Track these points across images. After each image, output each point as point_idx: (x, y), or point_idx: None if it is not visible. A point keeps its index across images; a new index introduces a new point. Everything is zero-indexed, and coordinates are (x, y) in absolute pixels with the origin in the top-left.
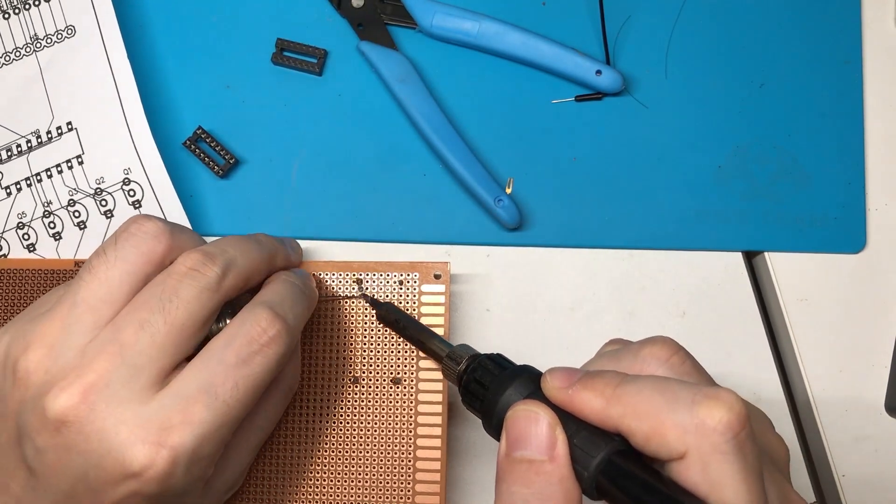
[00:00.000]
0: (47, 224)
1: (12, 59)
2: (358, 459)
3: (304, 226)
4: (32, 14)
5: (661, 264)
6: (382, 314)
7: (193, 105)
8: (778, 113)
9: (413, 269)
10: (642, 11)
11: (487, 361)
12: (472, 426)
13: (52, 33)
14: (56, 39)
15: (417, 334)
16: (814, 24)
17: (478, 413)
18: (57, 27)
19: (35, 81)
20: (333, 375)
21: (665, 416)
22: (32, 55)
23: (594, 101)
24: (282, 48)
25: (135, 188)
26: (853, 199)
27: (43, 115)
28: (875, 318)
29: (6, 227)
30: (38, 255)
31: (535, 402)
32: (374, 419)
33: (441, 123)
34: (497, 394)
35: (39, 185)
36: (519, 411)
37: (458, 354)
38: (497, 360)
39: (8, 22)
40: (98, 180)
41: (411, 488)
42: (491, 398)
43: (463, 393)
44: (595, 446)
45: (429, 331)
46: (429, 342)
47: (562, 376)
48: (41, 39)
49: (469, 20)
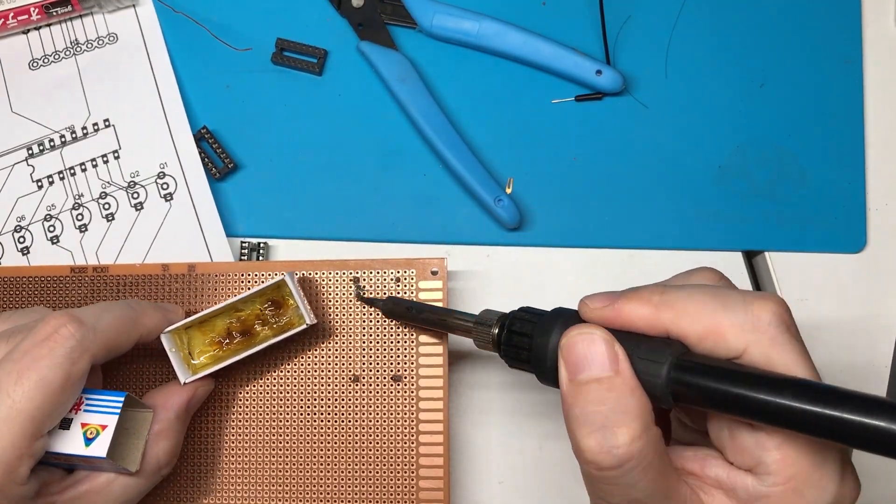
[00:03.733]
0: (75, 216)
1: (51, 61)
2: (360, 458)
3: (304, 226)
4: (75, 22)
5: (661, 264)
6: (388, 308)
7: (193, 105)
8: (778, 113)
9: (410, 266)
10: (642, 11)
11: (521, 314)
12: (474, 421)
13: (93, 39)
14: (97, 45)
15: (435, 315)
16: (814, 24)
17: (527, 367)
18: (99, 34)
19: (71, 80)
20: (333, 374)
21: (721, 317)
22: (72, 58)
23: (594, 101)
24: (282, 48)
25: (168, 181)
26: (853, 199)
27: (79, 112)
28: (875, 317)
29: (33, 219)
30: (61, 247)
31: (587, 325)
32: (376, 417)
33: (441, 123)
34: (544, 339)
35: (73, 179)
36: (573, 336)
37: (486, 319)
38: (529, 310)
39: (49, 29)
40: (133, 174)
41: (415, 485)
42: (539, 345)
43: (506, 353)
44: (659, 353)
45: (446, 309)
46: (450, 318)
47: (602, 297)
48: (81, 44)
49: (469, 20)
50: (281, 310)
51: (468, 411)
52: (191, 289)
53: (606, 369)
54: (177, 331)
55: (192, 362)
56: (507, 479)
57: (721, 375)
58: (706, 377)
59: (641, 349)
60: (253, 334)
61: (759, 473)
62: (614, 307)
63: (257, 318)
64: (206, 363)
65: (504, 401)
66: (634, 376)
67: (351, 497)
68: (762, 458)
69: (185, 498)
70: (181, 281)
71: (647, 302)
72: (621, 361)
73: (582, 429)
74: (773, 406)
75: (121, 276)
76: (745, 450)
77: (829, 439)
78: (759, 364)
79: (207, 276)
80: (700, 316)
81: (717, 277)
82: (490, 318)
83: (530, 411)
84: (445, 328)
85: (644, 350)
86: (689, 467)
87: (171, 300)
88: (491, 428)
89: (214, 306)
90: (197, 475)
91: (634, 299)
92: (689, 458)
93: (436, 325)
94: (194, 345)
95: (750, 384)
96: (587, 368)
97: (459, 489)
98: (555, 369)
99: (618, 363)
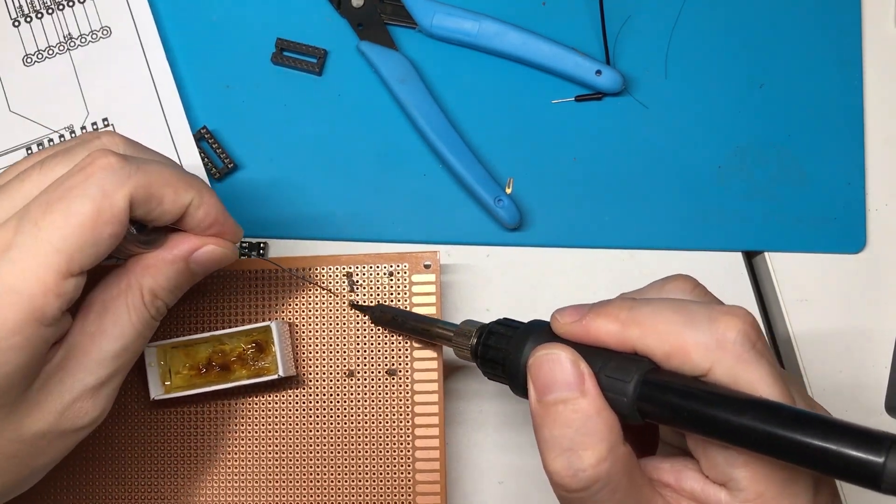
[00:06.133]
0: None
1: (44, 56)
2: (356, 452)
3: (303, 225)
4: (66, 14)
5: (661, 264)
6: (376, 316)
7: (193, 105)
8: (778, 113)
9: (402, 260)
10: (642, 11)
11: (497, 327)
12: (470, 416)
13: (86, 33)
14: (91, 39)
15: (419, 324)
16: (814, 24)
17: (502, 379)
18: (91, 28)
19: (68, 78)
20: (328, 369)
21: (686, 335)
22: (66, 53)
23: (594, 101)
24: (282, 48)
25: None
26: (853, 200)
27: (77, 111)
28: (875, 318)
29: None
30: None
31: (552, 343)
32: (371, 411)
33: (441, 123)
34: (517, 353)
35: None
36: (538, 357)
37: (465, 330)
38: (505, 323)
39: (41, 22)
40: None
41: (411, 478)
42: (512, 360)
43: (482, 364)
44: (626, 371)
45: (428, 318)
46: (433, 328)
47: (571, 311)
48: (75, 39)
49: (469, 20)
50: (262, 353)
51: (467, 411)
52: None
53: (572, 390)
54: (162, 347)
55: (166, 382)
56: (507, 479)
57: (683, 394)
58: (670, 395)
59: (609, 366)
60: (230, 370)
61: (731, 489)
62: (583, 323)
63: (238, 356)
64: (181, 386)
65: (502, 400)
66: (600, 396)
67: (348, 491)
68: (732, 474)
69: (182, 493)
70: None
71: (614, 318)
72: (587, 381)
73: (550, 451)
74: (735, 426)
75: None
76: (715, 465)
77: (789, 462)
78: (725, 382)
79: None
80: (666, 334)
81: (690, 286)
82: (469, 330)
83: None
84: (429, 337)
85: (611, 367)
86: (666, 479)
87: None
88: (490, 426)
89: (202, 334)
90: (192, 469)
91: (602, 315)
92: (665, 471)
93: (420, 333)
94: (175, 365)
95: (711, 403)
96: (552, 390)
97: (459, 489)
98: (526, 384)
99: (583, 383)
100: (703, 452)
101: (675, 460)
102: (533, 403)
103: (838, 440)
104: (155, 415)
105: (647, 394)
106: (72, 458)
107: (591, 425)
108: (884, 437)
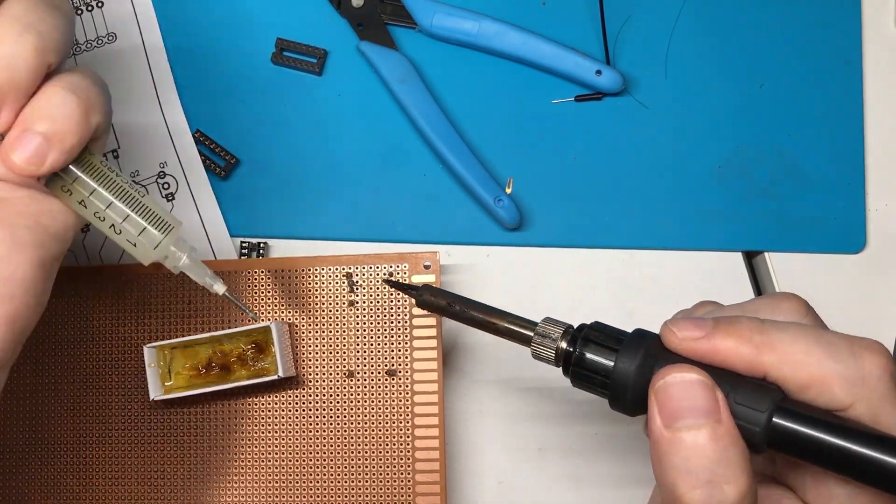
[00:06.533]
0: None
1: None
2: (356, 453)
3: (303, 225)
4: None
5: (661, 264)
6: (425, 300)
7: (193, 105)
8: (778, 113)
9: (402, 261)
10: (642, 11)
11: (595, 334)
12: (470, 416)
13: (92, 39)
14: (96, 44)
15: (485, 315)
16: (814, 24)
17: (598, 390)
18: (98, 34)
19: None
20: (328, 370)
21: (829, 367)
22: (71, 58)
23: (594, 101)
24: (282, 48)
25: (169, 181)
26: (853, 200)
27: None
28: (875, 318)
29: None
30: None
31: (685, 366)
32: (371, 412)
33: (441, 123)
34: (627, 367)
35: None
36: (670, 380)
37: (549, 331)
38: (602, 329)
39: None
40: (133, 173)
41: (411, 479)
42: (621, 374)
43: (576, 374)
44: (759, 400)
45: (496, 309)
46: (503, 322)
47: (691, 326)
48: (81, 44)
49: (469, 20)
50: (262, 354)
51: (466, 411)
52: (195, 288)
53: (709, 418)
54: (161, 348)
55: (166, 383)
56: (507, 479)
57: (826, 428)
58: (809, 428)
59: (738, 392)
60: (230, 371)
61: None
62: (711, 342)
63: (238, 357)
64: (181, 386)
65: (503, 399)
66: (734, 425)
67: (348, 492)
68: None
69: (182, 493)
70: (189, 280)
71: (747, 341)
72: (723, 410)
73: (685, 482)
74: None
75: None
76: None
77: None
78: (865, 420)
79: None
80: (806, 364)
81: (805, 310)
82: (555, 331)
83: (529, 410)
84: (494, 332)
85: (742, 394)
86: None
87: (177, 300)
88: (490, 427)
89: (202, 334)
90: (192, 470)
91: (733, 335)
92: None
93: (481, 326)
94: (174, 366)
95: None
96: (687, 415)
97: (459, 489)
98: (637, 401)
99: (719, 412)
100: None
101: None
102: (658, 429)
103: None
104: (155, 415)
105: (780, 426)
106: (72, 458)
107: (730, 455)
108: None
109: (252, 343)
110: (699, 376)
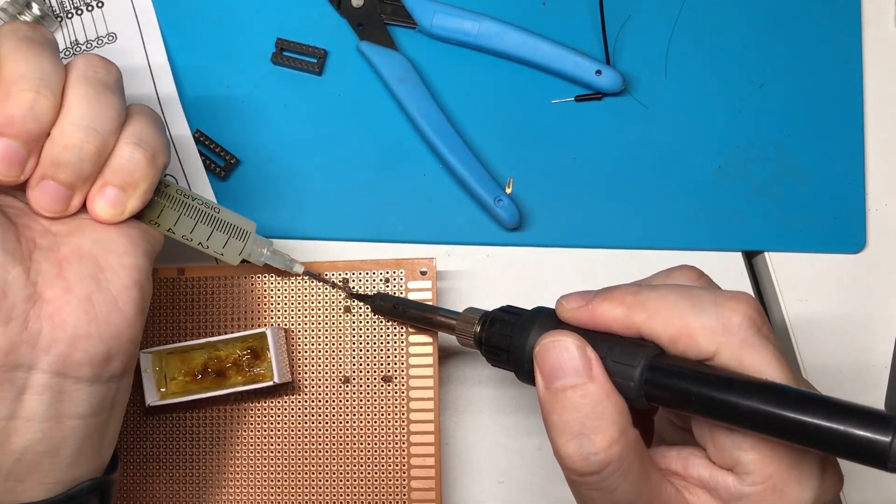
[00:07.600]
0: None
1: None
2: (352, 459)
3: (304, 226)
4: (75, 22)
5: (661, 264)
6: (377, 305)
7: (193, 105)
8: (778, 113)
9: (399, 266)
10: (642, 11)
11: (501, 314)
12: (470, 421)
13: (92, 39)
14: (97, 45)
15: (420, 312)
16: (814, 24)
17: (506, 366)
18: (98, 34)
19: None
20: (323, 376)
21: (692, 319)
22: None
23: (594, 101)
24: (282, 48)
25: (170, 180)
26: (853, 200)
27: None
28: (875, 318)
29: None
30: None
31: (558, 330)
32: (367, 418)
33: (441, 123)
34: (522, 340)
35: None
36: (545, 344)
37: (468, 318)
38: (509, 310)
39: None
40: None
41: (407, 485)
42: (517, 347)
43: (486, 351)
44: (632, 356)
45: (430, 306)
46: (435, 316)
47: (576, 297)
48: (81, 45)
49: (469, 20)
50: (258, 360)
51: (465, 411)
52: (190, 294)
53: (581, 376)
54: (157, 353)
55: (162, 389)
56: (507, 478)
57: (690, 378)
58: (676, 380)
59: (615, 351)
60: (226, 376)
61: (739, 473)
62: (588, 308)
63: (234, 363)
64: (176, 392)
65: (500, 398)
66: (608, 380)
67: (343, 498)
68: (740, 457)
69: (177, 499)
70: (183, 285)
71: (620, 303)
72: (594, 367)
73: (560, 436)
74: (742, 409)
75: None
76: (723, 449)
77: (797, 443)
78: (731, 366)
79: (206, 282)
80: (671, 318)
81: (696, 276)
82: (472, 318)
83: (528, 409)
84: (430, 325)
85: (617, 352)
86: (673, 467)
87: (173, 305)
88: (488, 427)
89: (198, 340)
90: (188, 475)
91: (608, 300)
92: (672, 458)
93: (421, 321)
94: (170, 371)
95: (718, 387)
96: (561, 376)
97: (458, 489)
98: (532, 371)
99: (591, 369)
100: (710, 438)
101: (681, 448)
102: (541, 390)
103: (845, 421)
104: (151, 421)
105: (654, 378)
106: None
107: (600, 409)
108: (890, 417)
109: (248, 349)
110: (571, 339)
